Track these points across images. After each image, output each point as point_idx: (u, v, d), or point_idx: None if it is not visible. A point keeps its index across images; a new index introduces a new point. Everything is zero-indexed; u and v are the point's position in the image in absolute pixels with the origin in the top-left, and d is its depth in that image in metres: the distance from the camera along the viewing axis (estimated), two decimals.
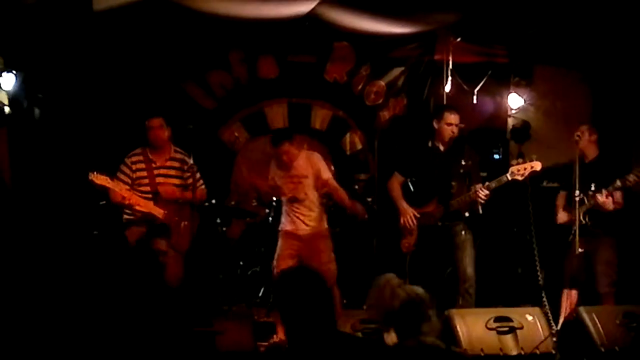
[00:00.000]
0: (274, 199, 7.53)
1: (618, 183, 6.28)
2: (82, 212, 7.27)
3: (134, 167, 6.59)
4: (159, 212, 6.53)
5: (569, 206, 6.61)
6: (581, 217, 6.44)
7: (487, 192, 6.29)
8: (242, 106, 8.26)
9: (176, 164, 6.68)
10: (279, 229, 6.75)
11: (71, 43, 7.32)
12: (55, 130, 7.55)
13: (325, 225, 6.66)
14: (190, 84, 8.02)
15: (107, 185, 6.37)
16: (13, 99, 7.37)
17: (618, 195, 6.46)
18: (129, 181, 6.56)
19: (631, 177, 6.22)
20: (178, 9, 6.95)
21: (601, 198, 6.32)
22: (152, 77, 7.73)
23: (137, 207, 6.50)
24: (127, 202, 6.44)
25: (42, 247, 7.06)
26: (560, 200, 6.82)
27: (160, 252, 6.46)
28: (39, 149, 7.49)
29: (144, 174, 6.59)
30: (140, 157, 6.63)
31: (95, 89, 7.58)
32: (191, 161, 6.63)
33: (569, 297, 6.57)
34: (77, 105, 7.60)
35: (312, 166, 6.56)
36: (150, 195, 6.57)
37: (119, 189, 6.42)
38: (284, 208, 6.71)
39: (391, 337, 3.36)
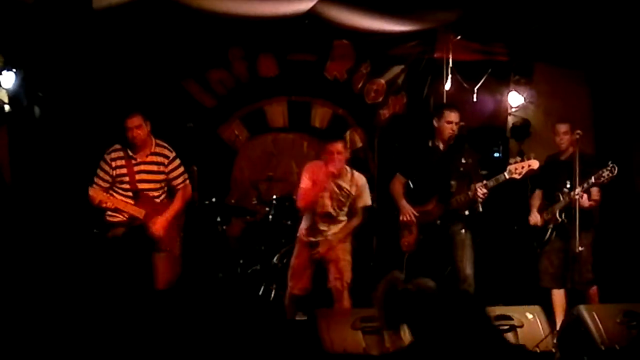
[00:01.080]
0: (274, 197, 7.54)
1: (592, 180, 6.29)
2: (82, 210, 7.26)
3: (113, 164, 6.33)
4: (139, 212, 6.31)
5: (546, 205, 6.64)
6: (557, 216, 6.48)
7: (485, 190, 6.30)
8: (242, 104, 8.25)
9: (158, 159, 6.42)
10: (298, 235, 6.64)
11: (71, 41, 7.30)
12: (55, 129, 7.54)
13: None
14: (191, 82, 8.01)
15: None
16: (13, 97, 7.36)
17: (595, 192, 6.47)
18: (109, 179, 6.33)
19: (605, 173, 6.23)
20: (178, 6, 6.95)
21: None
22: (153, 75, 7.72)
23: (118, 208, 6.29)
24: (103, 205, 6.25)
25: (41, 245, 7.06)
26: (536, 200, 6.84)
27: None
28: (39, 147, 7.47)
29: (124, 171, 6.33)
30: (120, 153, 6.36)
31: (95, 87, 7.57)
32: (173, 154, 6.48)
33: (559, 297, 6.60)
34: (77, 103, 7.58)
35: (357, 185, 6.48)
36: (130, 194, 6.36)
37: (95, 193, 6.21)
38: (309, 216, 6.56)
39: (406, 336, 3.37)
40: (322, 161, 6.41)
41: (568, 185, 6.45)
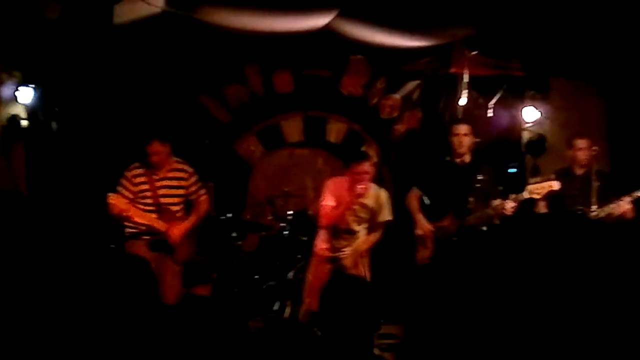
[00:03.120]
0: (290, 212, 7.55)
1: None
2: (99, 225, 7.29)
3: (135, 180, 6.44)
4: (161, 225, 6.41)
5: None
6: None
7: (514, 204, 6.25)
8: (258, 120, 8.30)
9: (178, 174, 6.56)
10: (314, 250, 6.60)
11: (90, 57, 7.37)
12: (72, 144, 7.59)
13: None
14: (207, 98, 8.06)
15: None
16: (30, 112, 7.43)
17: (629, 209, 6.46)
18: (131, 195, 6.41)
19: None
20: (195, 23, 7.00)
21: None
22: (170, 90, 7.76)
23: (138, 220, 6.37)
24: (124, 214, 6.29)
25: (58, 260, 7.09)
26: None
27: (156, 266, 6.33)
28: (56, 163, 7.53)
29: (146, 187, 6.44)
30: (141, 170, 6.47)
31: (113, 103, 7.62)
32: (192, 170, 6.59)
33: None
34: (94, 118, 7.64)
35: (378, 201, 6.48)
36: (154, 208, 6.44)
37: (117, 202, 6.28)
38: (327, 231, 6.53)
39: None
40: (346, 179, 6.43)
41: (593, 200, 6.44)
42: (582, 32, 7.37)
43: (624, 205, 6.34)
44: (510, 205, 6.22)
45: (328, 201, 6.44)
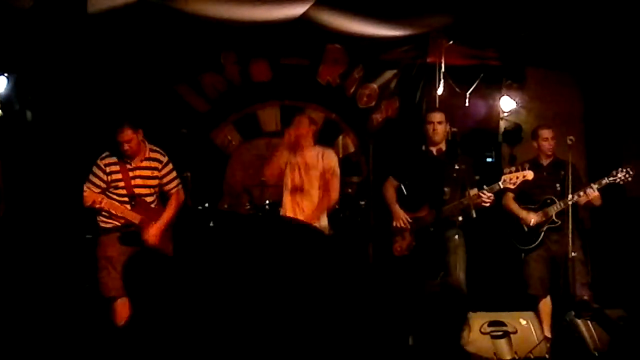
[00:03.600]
0: (267, 202, 7.53)
1: (605, 179, 6.37)
2: (74, 216, 7.24)
3: (107, 169, 6.27)
4: (134, 217, 6.28)
5: (535, 209, 6.68)
6: (554, 218, 6.52)
7: (491, 194, 6.28)
8: (234, 109, 8.25)
9: (152, 164, 6.41)
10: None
11: (64, 45, 7.29)
12: (46, 133, 7.52)
13: (326, 223, 6.65)
14: (183, 87, 8.00)
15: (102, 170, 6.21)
16: (4, 101, 7.34)
17: (596, 197, 6.51)
18: (103, 185, 6.27)
19: (620, 175, 6.30)
20: (171, 11, 6.94)
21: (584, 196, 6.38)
22: (145, 79, 7.70)
23: (112, 211, 6.26)
24: (97, 205, 6.22)
25: (33, 251, 7.04)
26: (512, 202, 6.86)
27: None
28: (31, 152, 7.46)
29: (119, 176, 6.28)
30: (114, 159, 6.30)
31: (88, 92, 7.55)
32: (167, 159, 6.48)
33: (546, 304, 6.61)
34: (68, 107, 7.56)
35: (323, 159, 6.59)
36: (126, 199, 6.31)
37: (89, 193, 6.22)
38: (285, 200, 6.66)
39: None
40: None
41: (558, 189, 6.49)
42: (559, 22, 7.40)
43: (591, 193, 6.40)
44: (487, 195, 6.25)
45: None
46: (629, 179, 6.33)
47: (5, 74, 7.20)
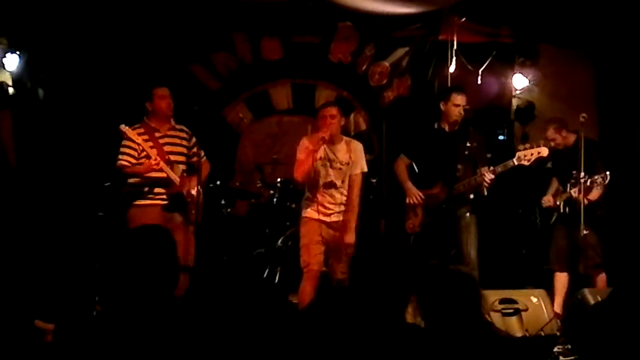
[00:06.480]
0: (279, 179, 7.53)
1: (588, 182, 6.29)
2: (87, 194, 7.28)
3: (138, 139, 6.14)
4: (175, 178, 6.16)
5: (559, 191, 6.66)
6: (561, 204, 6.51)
7: (492, 176, 6.27)
8: (246, 87, 8.26)
9: (180, 134, 6.36)
10: (303, 215, 6.29)
11: (76, 23, 7.30)
12: (59, 111, 7.55)
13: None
14: (196, 65, 8.01)
15: (135, 139, 6.08)
16: (17, 79, 7.37)
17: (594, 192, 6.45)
18: (136, 155, 6.15)
19: (598, 179, 6.23)
20: None
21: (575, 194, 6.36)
22: (158, 58, 7.70)
23: (155, 174, 6.11)
24: (157, 167, 6.05)
25: (46, 228, 7.09)
26: (554, 184, 6.85)
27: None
28: (43, 130, 7.49)
29: (150, 144, 6.16)
30: (142, 130, 6.20)
31: (100, 70, 7.56)
32: (190, 132, 6.42)
33: (560, 280, 6.62)
34: (81, 85, 7.58)
35: (354, 153, 6.25)
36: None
37: (125, 162, 6.12)
38: (310, 193, 6.26)
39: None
40: (316, 132, 6.23)
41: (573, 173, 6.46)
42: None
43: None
44: (489, 176, 6.23)
45: (299, 155, 6.22)
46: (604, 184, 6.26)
47: (18, 52, 7.21)
